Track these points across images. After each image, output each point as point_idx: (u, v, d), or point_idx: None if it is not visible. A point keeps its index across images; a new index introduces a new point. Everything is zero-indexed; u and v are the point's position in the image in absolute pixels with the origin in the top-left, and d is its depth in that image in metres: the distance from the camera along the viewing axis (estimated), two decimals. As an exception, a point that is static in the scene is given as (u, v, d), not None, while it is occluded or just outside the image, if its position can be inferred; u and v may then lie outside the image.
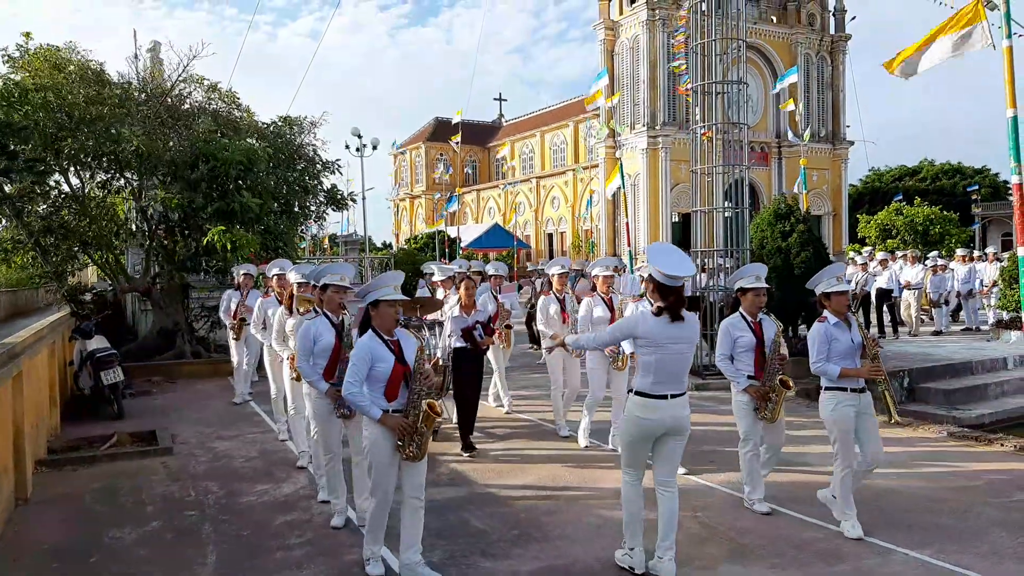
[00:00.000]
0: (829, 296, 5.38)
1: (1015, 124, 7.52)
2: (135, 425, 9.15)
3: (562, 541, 5.32)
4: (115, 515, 6.08)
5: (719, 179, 12.12)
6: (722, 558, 4.99)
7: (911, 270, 15.74)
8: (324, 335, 5.50)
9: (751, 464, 5.82)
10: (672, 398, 4.56)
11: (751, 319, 5.82)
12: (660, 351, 4.49)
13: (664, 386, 4.54)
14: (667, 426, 4.58)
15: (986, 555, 4.90)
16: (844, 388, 5.24)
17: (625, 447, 4.80)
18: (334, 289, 5.63)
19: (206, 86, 14.04)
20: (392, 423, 4.48)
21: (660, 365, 4.51)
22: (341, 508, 5.72)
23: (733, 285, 6.02)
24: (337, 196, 15.36)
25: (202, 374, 12.86)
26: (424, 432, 4.50)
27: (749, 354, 5.77)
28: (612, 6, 43.71)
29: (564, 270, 8.60)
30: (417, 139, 68.14)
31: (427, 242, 42.14)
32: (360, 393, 4.49)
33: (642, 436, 4.63)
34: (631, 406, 4.66)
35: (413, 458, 4.51)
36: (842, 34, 46.23)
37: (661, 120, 41.11)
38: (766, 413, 5.75)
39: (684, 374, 4.64)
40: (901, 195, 37.36)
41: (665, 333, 4.49)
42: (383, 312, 4.60)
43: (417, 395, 4.53)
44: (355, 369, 4.51)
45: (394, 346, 4.60)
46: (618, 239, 42.28)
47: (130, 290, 14.18)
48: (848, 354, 5.26)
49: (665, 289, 4.49)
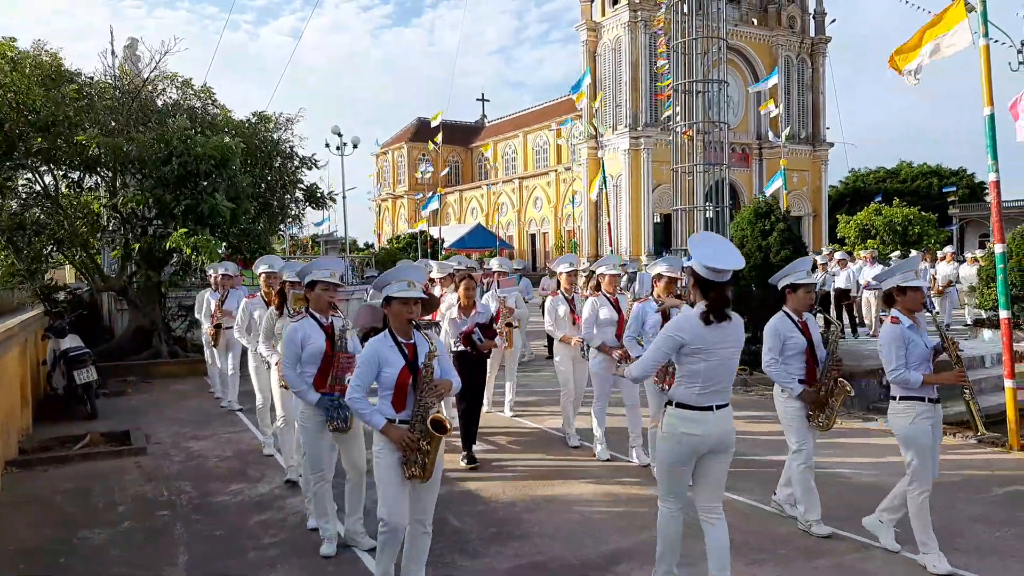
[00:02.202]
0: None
1: (991, 122, 7.56)
2: (109, 425, 9.00)
3: (541, 539, 5.27)
4: (86, 516, 5.96)
5: (700, 179, 12.16)
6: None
7: (870, 270, 15.73)
8: (313, 338, 4.96)
9: (805, 479, 5.26)
10: (718, 409, 4.02)
11: (798, 318, 5.32)
12: (708, 357, 3.94)
13: (710, 396, 4.00)
14: (714, 442, 4.02)
15: (966, 550, 4.90)
16: (922, 398, 4.70)
17: (665, 471, 4.16)
18: (323, 286, 5.05)
19: (179, 82, 13.88)
20: (394, 435, 4.01)
21: (708, 372, 3.96)
22: (331, 536, 5.10)
23: (778, 281, 5.45)
24: (316, 194, 15.24)
25: (178, 374, 12.69)
26: (428, 451, 3.99)
27: (800, 357, 5.26)
28: (594, 7, 43.78)
29: (572, 268, 8.08)
30: (399, 139, 67.98)
31: (409, 242, 42.00)
32: (362, 399, 4.08)
33: (686, 455, 4.04)
34: (672, 421, 4.06)
35: (416, 478, 4.02)
36: (822, 37, 46.61)
37: (643, 121, 41.21)
38: (821, 420, 5.25)
39: (730, 382, 4.12)
40: (880, 196, 37.70)
41: (711, 337, 3.94)
42: (395, 311, 4.14)
43: (422, 407, 4.04)
44: (360, 372, 4.11)
45: (408, 350, 4.12)
46: (600, 239, 42.35)
47: (105, 289, 14.00)
48: (924, 359, 4.75)
49: (707, 285, 3.94)
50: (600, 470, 6.94)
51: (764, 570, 4.71)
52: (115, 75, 14.26)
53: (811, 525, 5.24)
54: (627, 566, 4.81)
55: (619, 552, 5.03)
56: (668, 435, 4.07)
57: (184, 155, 11.83)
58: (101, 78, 13.74)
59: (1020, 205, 40.23)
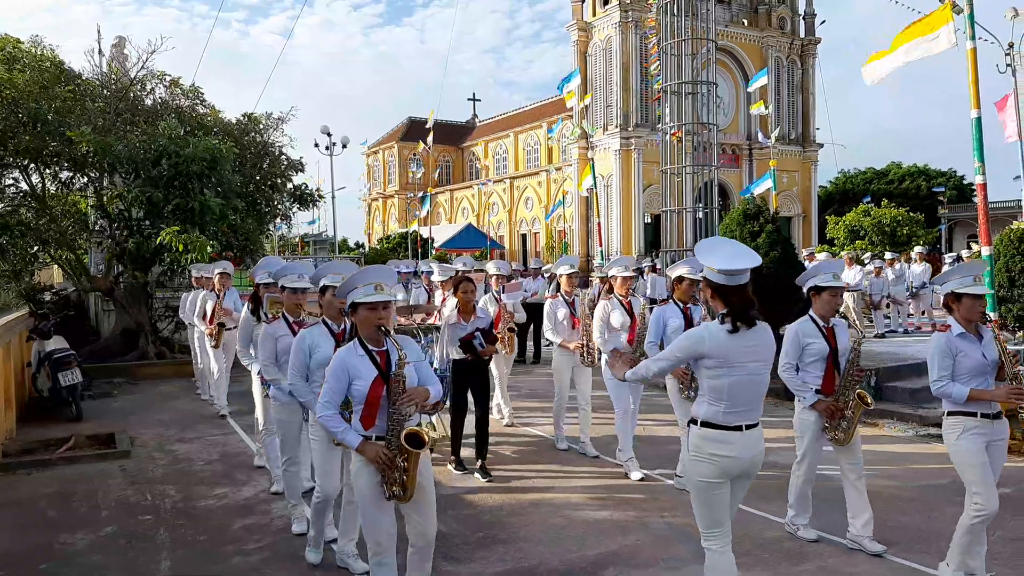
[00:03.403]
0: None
1: (979, 125, 7.59)
2: (94, 427, 8.94)
3: (527, 543, 5.25)
4: (68, 520, 5.90)
5: (689, 180, 12.17)
6: (689, 559, 4.95)
7: (848, 272, 15.75)
8: (322, 346, 4.67)
9: (803, 488, 5.16)
10: (747, 429, 3.67)
11: (823, 323, 5.03)
12: (733, 372, 3.59)
13: (738, 415, 3.64)
14: (744, 467, 3.68)
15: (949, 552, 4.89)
16: (973, 413, 4.32)
17: (699, 499, 3.73)
18: (334, 292, 4.69)
19: (167, 81, 13.81)
20: (370, 453, 3.68)
21: (733, 389, 3.60)
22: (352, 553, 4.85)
23: (804, 283, 5.17)
24: (304, 194, 15.19)
25: (165, 375, 12.62)
26: (407, 468, 3.67)
27: (819, 364, 5.00)
28: (585, 8, 43.81)
29: (573, 270, 7.72)
30: (390, 139, 67.85)
31: (399, 242, 41.92)
32: (334, 416, 3.77)
33: (719, 479, 3.67)
34: (698, 443, 3.69)
35: (397, 498, 3.71)
36: (812, 38, 46.79)
37: (634, 122, 41.26)
38: (838, 433, 4.97)
39: (760, 399, 3.74)
40: (869, 197, 37.84)
41: (737, 348, 3.58)
42: (362, 318, 3.82)
43: (396, 420, 3.72)
44: (328, 387, 3.78)
45: (381, 358, 3.80)
46: (591, 240, 42.38)
47: (92, 290, 13.91)
48: (979, 372, 4.33)
49: (726, 290, 3.59)
50: (586, 474, 6.92)
51: (750, 574, 4.69)
52: (103, 74, 14.17)
53: (798, 529, 5.20)
54: (613, 570, 4.80)
55: (604, 556, 5.01)
56: (697, 459, 3.71)
57: (175, 156, 11.77)
58: (89, 77, 13.65)
59: (1007, 206, 40.51)
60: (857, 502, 5.05)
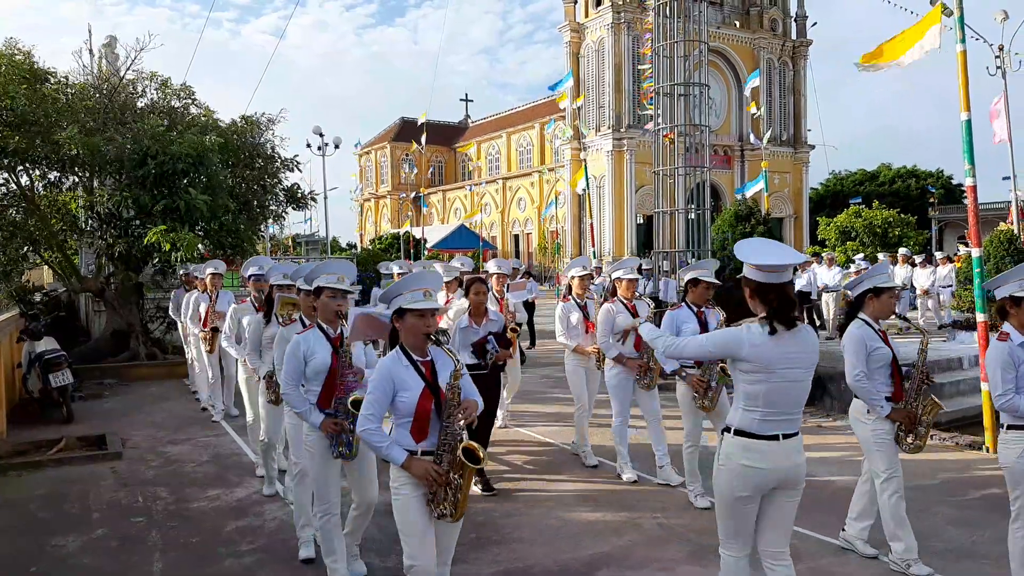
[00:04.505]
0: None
1: (968, 127, 7.62)
2: (85, 429, 8.89)
3: (520, 544, 5.25)
4: (59, 522, 5.87)
5: (681, 181, 12.19)
6: (681, 559, 4.96)
7: (828, 273, 15.79)
8: (319, 352, 4.38)
9: (896, 508, 4.67)
10: (785, 439, 3.44)
11: (877, 327, 4.74)
12: (771, 377, 3.37)
13: (775, 423, 3.42)
14: (780, 478, 3.45)
15: (941, 553, 4.93)
16: None
17: (724, 510, 3.55)
18: (330, 293, 4.42)
19: (158, 81, 13.75)
20: (419, 470, 3.45)
21: (771, 396, 3.39)
22: (308, 539, 4.95)
23: (858, 286, 4.84)
24: (297, 195, 15.15)
25: (156, 376, 12.56)
26: (460, 485, 3.49)
27: (885, 370, 4.68)
28: (578, 9, 43.90)
29: (587, 272, 7.30)
30: (382, 139, 67.80)
31: (392, 242, 41.88)
32: (377, 431, 3.51)
33: (749, 491, 3.44)
34: (730, 451, 3.47)
35: (446, 518, 3.50)
36: (803, 39, 47.00)
37: (626, 123, 41.36)
38: (917, 441, 4.67)
39: (800, 407, 3.50)
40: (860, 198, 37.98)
41: (777, 353, 3.36)
42: (409, 325, 3.55)
43: (449, 435, 3.51)
44: (372, 399, 3.51)
45: (426, 368, 3.57)
46: (583, 241, 42.43)
47: (83, 290, 13.84)
48: None
49: (765, 288, 3.40)
50: (580, 474, 6.92)
51: (742, 575, 4.71)
52: (92, 74, 14.10)
53: (909, 565, 4.63)
54: (607, 571, 4.80)
55: (598, 557, 5.02)
56: (726, 466, 3.48)
57: (159, 155, 11.69)
58: (78, 77, 13.58)
59: (996, 207, 40.74)
60: (863, 505, 4.95)
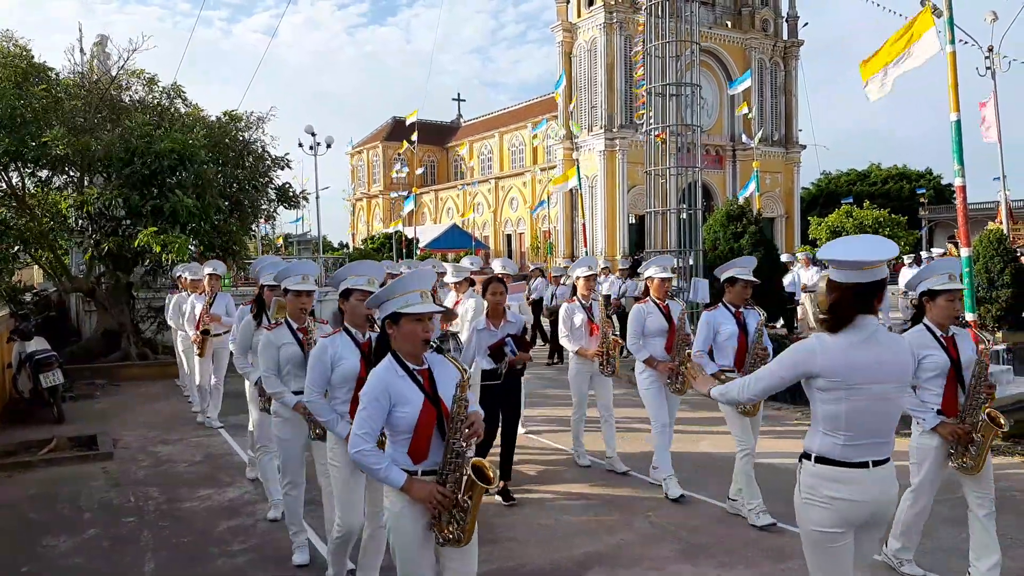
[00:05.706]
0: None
1: (958, 127, 7.68)
2: (75, 429, 8.86)
3: (513, 543, 5.26)
4: (50, 523, 5.86)
5: (673, 181, 12.23)
6: (673, 558, 4.99)
7: (806, 273, 15.81)
8: (346, 358, 4.09)
9: (915, 522, 4.53)
10: (875, 466, 2.97)
11: (940, 332, 4.31)
12: (853, 394, 2.91)
13: (862, 448, 2.95)
14: (870, 512, 2.98)
15: (932, 551, 4.95)
16: None
17: (816, 552, 3.04)
18: (360, 295, 4.14)
19: (145, 79, 13.72)
20: (422, 492, 3.09)
21: (853, 416, 2.92)
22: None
23: (915, 288, 4.46)
24: (289, 194, 15.12)
25: (147, 376, 12.52)
26: (468, 507, 3.11)
27: (939, 380, 4.29)
28: (570, 9, 43.92)
29: (592, 272, 7.04)
30: (374, 138, 67.72)
31: (384, 242, 41.85)
32: (373, 451, 3.12)
33: (838, 528, 2.96)
34: (811, 482, 3.01)
35: (454, 542, 3.12)
36: (795, 40, 47.14)
37: (618, 123, 41.41)
38: (967, 460, 4.24)
39: (891, 428, 3.03)
40: (851, 198, 38.20)
41: (860, 364, 2.90)
42: (406, 331, 3.19)
43: (455, 452, 3.16)
44: (367, 415, 3.13)
45: (423, 378, 3.22)
46: (576, 240, 42.48)
47: (73, 290, 13.78)
48: None
49: (859, 290, 2.91)
50: (572, 475, 6.94)
51: (734, 573, 4.74)
52: (83, 72, 14.04)
53: (902, 564, 4.63)
54: (599, 569, 4.82)
55: (590, 556, 5.04)
56: (811, 500, 3.01)
57: (146, 154, 11.64)
58: (68, 76, 13.52)
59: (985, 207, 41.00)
60: (983, 540, 4.31)
